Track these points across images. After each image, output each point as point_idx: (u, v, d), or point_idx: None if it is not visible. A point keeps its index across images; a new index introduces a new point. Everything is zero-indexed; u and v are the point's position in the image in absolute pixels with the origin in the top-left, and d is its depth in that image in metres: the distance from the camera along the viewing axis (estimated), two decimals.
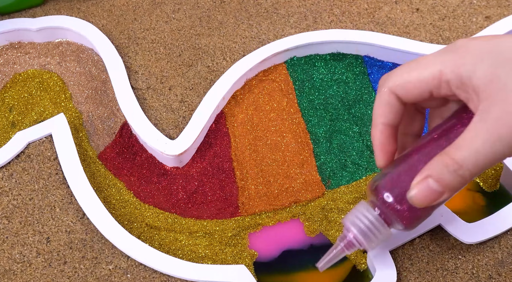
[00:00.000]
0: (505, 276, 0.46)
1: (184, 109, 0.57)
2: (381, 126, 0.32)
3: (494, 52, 0.27)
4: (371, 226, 0.33)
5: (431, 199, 0.29)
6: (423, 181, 0.29)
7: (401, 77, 0.30)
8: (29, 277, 0.48)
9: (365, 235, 0.33)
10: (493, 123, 0.27)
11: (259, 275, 0.48)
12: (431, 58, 0.29)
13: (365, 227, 0.33)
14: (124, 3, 0.67)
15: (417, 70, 0.30)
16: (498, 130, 0.27)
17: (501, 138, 0.27)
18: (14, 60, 0.62)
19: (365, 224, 0.33)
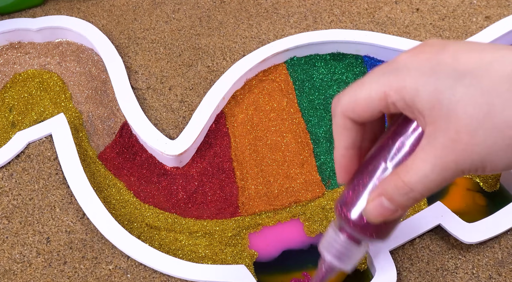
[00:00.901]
0: (505, 276, 0.46)
1: (184, 109, 0.57)
2: (342, 150, 0.32)
3: (435, 74, 0.27)
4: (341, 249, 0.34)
5: (385, 215, 0.30)
6: (376, 198, 0.30)
7: (349, 100, 0.30)
8: (29, 277, 0.48)
9: (339, 258, 0.34)
10: (439, 150, 0.27)
11: (259, 275, 0.48)
12: (375, 78, 0.29)
13: (336, 252, 0.34)
14: (124, 3, 0.67)
15: (363, 91, 0.30)
16: (444, 158, 0.27)
17: (448, 165, 0.27)
18: (14, 60, 0.62)
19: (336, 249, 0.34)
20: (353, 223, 0.32)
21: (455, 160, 0.27)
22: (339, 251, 0.34)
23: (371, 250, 0.47)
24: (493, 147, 0.26)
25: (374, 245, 0.33)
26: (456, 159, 0.27)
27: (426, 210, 0.49)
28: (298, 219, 0.52)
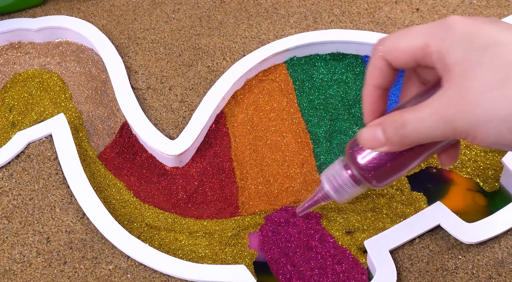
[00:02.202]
0: (505, 276, 0.46)
1: (184, 109, 0.57)
2: (371, 88, 0.34)
3: (474, 37, 0.29)
4: (342, 185, 0.36)
5: (373, 144, 0.32)
6: (374, 126, 0.32)
7: (391, 44, 0.32)
8: (29, 277, 0.48)
9: (337, 191, 0.36)
10: (444, 102, 0.29)
11: (259, 275, 0.48)
12: (421, 29, 0.31)
13: (337, 185, 0.36)
14: (124, 3, 0.67)
15: (406, 38, 0.31)
16: (446, 109, 0.29)
17: (446, 117, 0.29)
18: (14, 60, 0.62)
19: (337, 182, 0.36)
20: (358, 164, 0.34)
21: (453, 115, 0.28)
22: (339, 185, 0.36)
23: (371, 250, 0.47)
24: (492, 115, 0.27)
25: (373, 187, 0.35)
26: (455, 114, 0.28)
27: (426, 210, 0.49)
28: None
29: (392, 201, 0.52)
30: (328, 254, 0.48)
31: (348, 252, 0.48)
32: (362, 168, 0.34)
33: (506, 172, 0.51)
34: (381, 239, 0.47)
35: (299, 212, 0.41)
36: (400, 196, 0.52)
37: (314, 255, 0.48)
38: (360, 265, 0.48)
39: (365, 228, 0.50)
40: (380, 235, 0.48)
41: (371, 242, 0.47)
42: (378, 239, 0.47)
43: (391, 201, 0.52)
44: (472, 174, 0.53)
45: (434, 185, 0.53)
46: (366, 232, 0.50)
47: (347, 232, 0.50)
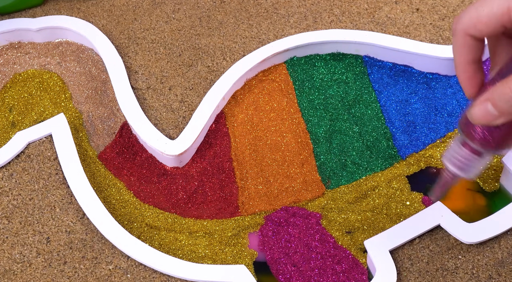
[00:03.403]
0: (505, 276, 0.46)
1: (184, 109, 0.57)
2: (463, 65, 0.34)
3: None
4: (465, 161, 0.36)
5: (488, 119, 0.32)
6: (483, 102, 0.32)
7: (471, 18, 0.32)
8: (29, 277, 0.48)
9: (462, 169, 0.37)
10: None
11: (259, 275, 0.48)
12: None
13: (461, 164, 0.37)
14: (124, 3, 0.67)
15: (485, 8, 0.31)
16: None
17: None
18: (14, 60, 0.62)
19: (460, 161, 0.37)
20: (476, 137, 0.34)
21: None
22: (462, 162, 0.36)
23: (371, 250, 0.47)
24: None
25: (498, 154, 0.35)
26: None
27: (426, 210, 0.49)
28: None
29: (392, 201, 0.52)
30: (328, 254, 0.48)
31: (348, 252, 0.48)
32: (481, 140, 0.34)
33: (506, 172, 0.51)
34: (381, 239, 0.47)
35: (435, 198, 0.41)
36: (400, 196, 0.52)
37: (314, 255, 0.48)
38: (360, 265, 0.48)
39: (365, 228, 0.50)
40: (380, 235, 0.48)
41: (371, 242, 0.47)
42: (378, 239, 0.47)
43: (391, 201, 0.52)
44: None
45: (434, 185, 0.53)
46: (366, 232, 0.50)
47: (347, 232, 0.50)
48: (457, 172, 0.37)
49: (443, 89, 0.58)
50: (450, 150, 0.37)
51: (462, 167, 0.37)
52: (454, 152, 0.37)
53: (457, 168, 0.37)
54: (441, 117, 0.57)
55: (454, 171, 0.37)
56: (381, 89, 0.59)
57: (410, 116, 0.57)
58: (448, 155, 0.37)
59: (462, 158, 0.36)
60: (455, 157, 0.37)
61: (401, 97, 0.58)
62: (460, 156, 0.36)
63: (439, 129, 0.56)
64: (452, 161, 0.37)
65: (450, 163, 0.37)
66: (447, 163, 0.37)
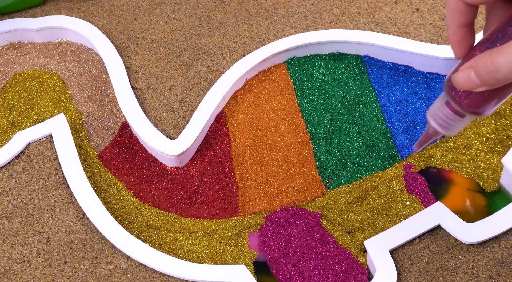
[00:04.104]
0: (505, 276, 0.46)
1: (184, 109, 0.57)
2: (454, 28, 0.35)
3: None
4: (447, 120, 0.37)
5: (469, 86, 0.33)
6: (466, 69, 0.33)
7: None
8: (29, 277, 0.48)
9: (444, 127, 0.38)
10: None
11: (259, 275, 0.48)
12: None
13: (443, 122, 0.37)
14: (124, 3, 0.67)
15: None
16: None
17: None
18: (14, 60, 0.62)
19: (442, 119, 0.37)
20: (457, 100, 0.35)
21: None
22: (444, 121, 0.37)
23: (371, 250, 0.47)
24: None
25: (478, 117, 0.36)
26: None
27: (426, 210, 0.49)
28: None
29: (392, 201, 0.52)
30: (328, 254, 0.48)
31: (348, 252, 0.48)
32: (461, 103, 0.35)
33: (506, 172, 0.51)
34: (381, 239, 0.47)
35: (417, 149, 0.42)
36: (400, 196, 0.52)
37: (314, 255, 0.48)
38: (360, 265, 0.48)
39: (365, 228, 0.50)
40: (380, 235, 0.48)
41: (371, 242, 0.47)
42: (378, 239, 0.47)
43: (391, 201, 0.52)
44: (472, 174, 0.53)
45: (434, 185, 0.53)
46: (366, 232, 0.50)
47: (347, 232, 0.50)
48: (439, 129, 0.38)
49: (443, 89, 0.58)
50: (434, 107, 0.38)
51: (444, 125, 0.37)
52: (437, 110, 0.37)
53: (439, 126, 0.38)
54: None
55: (436, 128, 0.38)
56: (381, 89, 0.59)
57: (410, 116, 0.57)
58: (432, 112, 0.38)
59: (444, 117, 0.37)
60: (438, 114, 0.37)
61: (401, 97, 0.58)
62: (443, 114, 0.37)
63: None
64: (435, 118, 0.38)
65: (433, 119, 0.38)
66: (430, 119, 0.38)
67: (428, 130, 0.39)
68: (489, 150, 0.54)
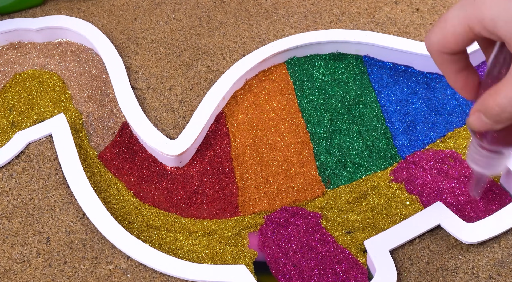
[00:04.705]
0: (505, 276, 0.46)
1: (184, 109, 0.57)
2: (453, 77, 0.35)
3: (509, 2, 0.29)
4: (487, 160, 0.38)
5: (485, 127, 0.33)
6: (476, 113, 0.33)
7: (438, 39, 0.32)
8: (29, 277, 0.48)
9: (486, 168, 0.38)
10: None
11: (259, 275, 0.48)
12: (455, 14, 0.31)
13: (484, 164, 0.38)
14: (124, 3, 0.67)
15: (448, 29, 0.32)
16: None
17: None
18: (14, 60, 0.62)
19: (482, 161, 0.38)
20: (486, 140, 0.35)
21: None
22: (484, 162, 0.38)
23: (371, 250, 0.47)
24: None
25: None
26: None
27: (426, 210, 0.49)
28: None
29: (392, 201, 0.52)
30: (328, 254, 0.48)
31: (348, 252, 0.48)
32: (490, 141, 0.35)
33: (506, 172, 0.51)
34: (381, 239, 0.47)
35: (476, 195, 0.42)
36: (400, 196, 0.52)
37: (314, 255, 0.48)
38: (360, 265, 0.48)
39: (365, 228, 0.50)
40: (380, 235, 0.48)
41: (371, 242, 0.47)
42: (378, 239, 0.47)
43: (391, 201, 0.52)
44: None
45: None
46: (366, 232, 0.50)
47: (347, 232, 0.50)
48: (482, 170, 0.38)
49: (443, 89, 0.58)
50: (470, 151, 0.38)
51: (485, 166, 0.38)
52: (474, 153, 0.38)
53: (481, 168, 0.38)
54: (441, 117, 0.57)
55: (479, 170, 0.38)
56: (381, 89, 0.59)
57: (410, 116, 0.57)
58: (470, 156, 0.38)
59: (482, 158, 0.37)
60: (476, 158, 0.38)
61: (401, 97, 0.58)
62: (480, 156, 0.37)
63: (439, 129, 0.56)
64: (475, 162, 0.38)
65: (473, 163, 0.38)
66: (471, 163, 0.38)
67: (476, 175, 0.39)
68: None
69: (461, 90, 0.35)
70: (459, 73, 0.34)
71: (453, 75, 0.34)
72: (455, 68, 0.34)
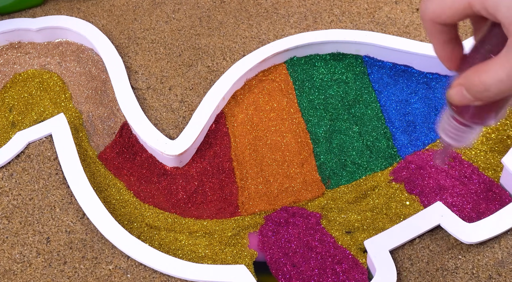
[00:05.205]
0: (505, 276, 0.46)
1: (184, 109, 0.57)
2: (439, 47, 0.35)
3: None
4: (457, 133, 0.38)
5: (464, 102, 0.33)
6: (457, 86, 0.33)
7: (435, 9, 0.33)
8: (29, 277, 0.48)
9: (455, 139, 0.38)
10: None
11: (259, 275, 0.48)
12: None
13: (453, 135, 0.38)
14: (124, 3, 0.67)
15: (447, 1, 0.32)
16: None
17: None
18: (14, 60, 0.62)
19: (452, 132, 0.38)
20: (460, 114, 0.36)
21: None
22: (454, 133, 0.38)
23: (371, 250, 0.47)
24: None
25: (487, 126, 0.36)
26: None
27: (426, 210, 0.49)
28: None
29: (392, 201, 0.52)
30: (328, 254, 0.48)
31: (348, 252, 0.48)
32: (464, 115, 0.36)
33: (506, 172, 0.51)
34: (381, 239, 0.47)
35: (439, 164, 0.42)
36: (400, 196, 0.52)
37: (314, 255, 0.48)
38: (360, 265, 0.48)
39: (365, 228, 0.50)
40: (380, 235, 0.48)
41: (371, 242, 0.47)
42: (378, 239, 0.47)
43: (391, 201, 0.52)
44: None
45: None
46: (366, 232, 0.50)
47: (347, 232, 0.50)
48: (451, 142, 0.38)
49: (443, 89, 0.58)
50: (442, 121, 0.39)
51: (454, 137, 0.38)
52: (446, 124, 0.38)
53: (450, 139, 0.38)
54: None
55: (447, 141, 0.38)
56: (381, 89, 0.59)
57: (410, 116, 0.57)
58: (441, 126, 0.39)
59: (453, 129, 0.38)
60: (447, 128, 0.38)
61: (401, 97, 0.58)
62: (451, 127, 0.38)
63: None
64: (445, 132, 0.38)
65: (443, 133, 0.39)
66: (441, 133, 0.39)
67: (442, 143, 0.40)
68: (489, 150, 0.54)
69: (445, 61, 0.35)
70: (446, 44, 0.35)
71: (441, 45, 0.35)
72: (444, 39, 0.34)
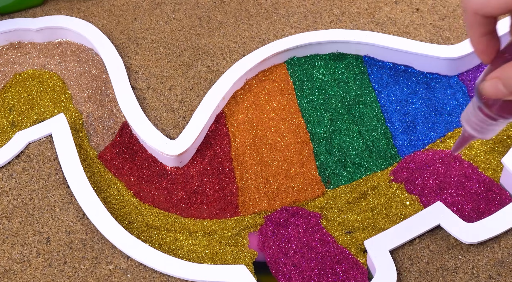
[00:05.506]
0: (505, 276, 0.46)
1: (184, 109, 0.57)
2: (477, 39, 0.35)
3: None
4: (481, 125, 0.38)
5: (498, 95, 0.33)
6: (494, 79, 0.33)
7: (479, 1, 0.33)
8: (29, 277, 0.48)
9: (478, 131, 0.38)
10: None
11: (259, 275, 0.48)
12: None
13: (477, 126, 0.38)
14: (124, 3, 0.67)
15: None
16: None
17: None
18: (14, 60, 0.62)
19: (477, 124, 0.38)
20: (489, 106, 0.35)
21: None
22: (477, 124, 0.38)
23: (371, 250, 0.47)
24: None
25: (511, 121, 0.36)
26: None
27: (426, 210, 0.49)
28: None
29: (392, 201, 0.52)
30: (328, 254, 0.48)
31: (348, 252, 0.48)
32: (492, 108, 0.35)
33: (506, 172, 0.51)
34: (381, 239, 0.47)
35: (454, 151, 0.42)
36: (400, 196, 0.52)
37: (314, 255, 0.48)
38: (360, 265, 0.48)
39: (365, 228, 0.50)
40: (380, 235, 0.48)
41: (371, 242, 0.47)
42: (378, 239, 0.47)
43: (391, 201, 0.52)
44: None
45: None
46: (366, 232, 0.50)
47: (347, 232, 0.50)
48: (473, 133, 0.38)
49: (443, 89, 0.58)
50: (467, 111, 0.38)
51: (478, 129, 0.38)
52: (471, 114, 0.38)
53: (473, 130, 0.38)
54: (441, 117, 0.57)
55: (471, 132, 0.38)
56: (381, 89, 0.59)
57: (410, 116, 0.57)
58: (465, 116, 0.38)
59: (477, 121, 0.37)
60: (472, 119, 0.38)
61: (401, 97, 0.58)
62: (476, 118, 0.37)
63: (439, 129, 0.56)
64: (468, 122, 0.38)
65: (467, 123, 0.38)
66: (465, 123, 0.38)
67: (464, 133, 0.39)
68: (489, 150, 0.54)
69: (481, 54, 0.35)
70: (484, 37, 0.35)
71: (478, 37, 0.35)
72: (482, 31, 0.34)
